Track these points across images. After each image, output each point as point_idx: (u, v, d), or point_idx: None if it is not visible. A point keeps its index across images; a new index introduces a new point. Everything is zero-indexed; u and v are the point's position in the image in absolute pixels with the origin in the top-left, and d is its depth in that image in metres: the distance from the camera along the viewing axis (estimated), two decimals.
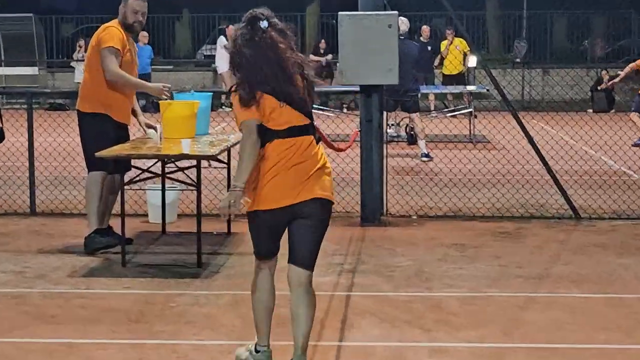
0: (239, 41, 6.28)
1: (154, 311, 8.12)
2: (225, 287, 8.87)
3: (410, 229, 11.59)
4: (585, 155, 17.09)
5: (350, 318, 7.92)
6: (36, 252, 10.23)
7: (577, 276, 9.25)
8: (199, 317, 7.97)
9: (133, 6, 9.99)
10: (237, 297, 8.48)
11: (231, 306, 8.25)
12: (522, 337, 7.44)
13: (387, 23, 11.55)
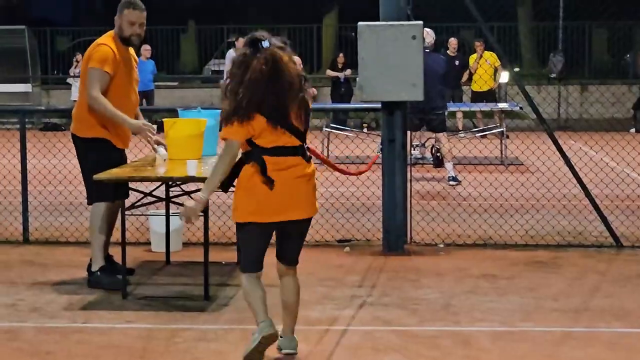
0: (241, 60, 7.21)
1: (158, 347, 8.11)
2: (234, 321, 8.83)
3: (436, 259, 11.59)
4: (628, 179, 17.03)
5: (373, 355, 7.91)
6: (30, 284, 10.21)
7: (618, 310, 9.20)
8: (206, 353, 7.96)
9: (129, 17, 9.88)
10: (248, 332, 8.43)
11: (241, 342, 8.18)
12: None
13: (411, 34, 11.54)
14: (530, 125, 23.44)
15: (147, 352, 8.00)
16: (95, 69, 9.66)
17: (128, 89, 10.01)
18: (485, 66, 26.73)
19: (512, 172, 18.29)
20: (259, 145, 7.15)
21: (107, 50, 9.73)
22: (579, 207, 13.23)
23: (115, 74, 9.77)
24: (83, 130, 10.02)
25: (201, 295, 9.58)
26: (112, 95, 9.79)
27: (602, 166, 17.48)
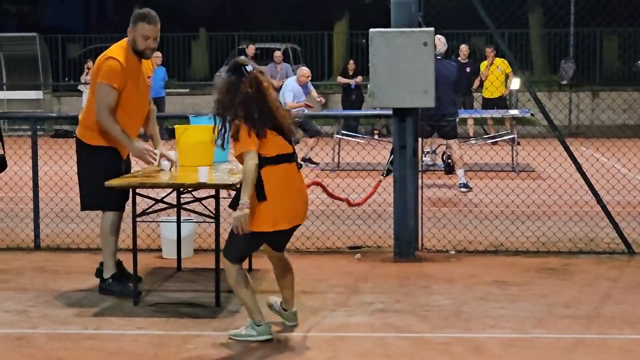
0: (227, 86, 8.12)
1: (169, 354, 8.12)
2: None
3: (447, 265, 11.57)
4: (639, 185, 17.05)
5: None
6: (41, 290, 10.22)
7: (631, 316, 9.18)
8: None
9: (143, 31, 9.72)
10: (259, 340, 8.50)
11: (253, 349, 8.24)
12: None
13: (422, 41, 11.54)
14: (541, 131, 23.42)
15: (158, 358, 8.02)
16: (103, 85, 9.58)
17: (136, 100, 9.89)
18: (496, 73, 26.73)
19: (523, 179, 18.30)
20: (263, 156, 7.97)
21: (115, 66, 9.60)
22: (590, 213, 13.22)
23: (123, 87, 9.66)
24: (90, 138, 9.98)
25: (212, 301, 9.56)
26: (120, 107, 9.76)
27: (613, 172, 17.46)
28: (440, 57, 16.54)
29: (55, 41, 37.53)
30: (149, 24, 9.75)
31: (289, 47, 37.08)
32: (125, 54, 9.75)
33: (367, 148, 19.75)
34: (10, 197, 14.71)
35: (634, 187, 15.79)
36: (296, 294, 8.98)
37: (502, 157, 21.16)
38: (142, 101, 10.12)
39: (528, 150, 19.60)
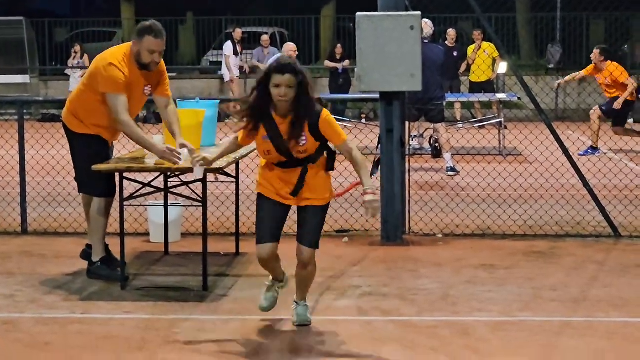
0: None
1: (157, 338, 8.10)
2: (233, 312, 8.86)
3: (435, 249, 11.60)
4: (626, 169, 17.07)
5: (372, 345, 7.91)
6: (28, 275, 10.21)
7: (617, 299, 9.22)
8: (205, 344, 7.96)
9: (150, 45, 9.60)
10: (247, 323, 8.51)
11: (240, 333, 8.25)
12: None
13: (409, 25, 11.55)
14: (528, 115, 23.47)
15: (146, 342, 7.99)
16: (111, 95, 9.47)
17: (131, 106, 9.73)
18: (483, 57, 26.77)
19: (510, 163, 18.29)
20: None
21: (118, 76, 9.48)
22: (577, 197, 13.24)
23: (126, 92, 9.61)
24: (76, 125, 9.98)
25: (200, 285, 9.58)
26: None
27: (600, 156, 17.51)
28: (427, 40, 16.55)
29: (42, 25, 37.46)
30: (156, 38, 9.66)
31: (277, 31, 37.10)
32: (128, 65, 9.63)
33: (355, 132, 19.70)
34: None
35: (620, 171, 15.81)
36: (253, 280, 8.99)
37: (489, 140, 21.23)
38: (136, 107, 10.15)
39: (515, 134, 19.58)
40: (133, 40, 9.80)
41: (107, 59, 9.66)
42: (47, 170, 13.84)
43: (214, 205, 12.09)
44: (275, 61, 7.45)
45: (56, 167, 13.65)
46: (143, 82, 9.84)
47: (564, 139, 12.72)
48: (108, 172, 9.63)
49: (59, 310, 8.95)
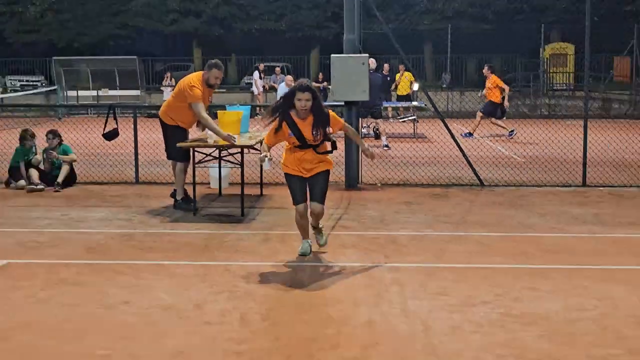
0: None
1: (214, 244, 8.18)
2: (259, 229, 8.87)
3: (376, 193, 11.56)
4: (487, 145, 17.09)
5: (339, 249, 7.97)
6: (139, 207, 10.23)
7: (483, 222, 9.29)
8: (242, 247, 8.02)
9: (215, 74, 9.74)
10: (267, 235, 8.55)
11: (263, 241, 8.29)
12: (447, 260, 7.52)
13: (361, 62, 11.55)
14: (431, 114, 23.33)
15: (207, 246, 8.06)
16: (196, 104, 9.54)
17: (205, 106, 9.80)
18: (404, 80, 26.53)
19: (420, 142, 18.26)
20: None
21: (198, 92, 9.55)
22: (459, 162, 13.17)
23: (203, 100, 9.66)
24: (168, 120, 10.00)
25: (239, 213, 9.60)
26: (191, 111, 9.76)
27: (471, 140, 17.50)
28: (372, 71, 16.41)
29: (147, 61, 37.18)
30: (219, 70, 9.80)
31: (284, 65, 36.90)
32: (202, 85, 9.67)
33: None
34: (121, 153, 14.64)
35: (483, 147, 15.81)
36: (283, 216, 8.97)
37: (407, 129, 21.19)
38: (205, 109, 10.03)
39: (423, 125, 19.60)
40: (205, 70, 9.88)
41: (190, 83, 9.71)
42: (150, 145, 13.80)
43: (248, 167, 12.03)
44: (298, 83, 7.23)
45: (155, 144, 13.61)
46: (208, 95, 9.88)
47: (452, 128, 12.73)
48: (186, 147, 9.71)
49: (158, 227, 9.01)
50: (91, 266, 7.28)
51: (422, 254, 7.77)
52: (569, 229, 8.85)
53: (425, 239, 8.44)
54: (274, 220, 9.36)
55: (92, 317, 5.87)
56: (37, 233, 8.64)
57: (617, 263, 7.39)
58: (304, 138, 7.19)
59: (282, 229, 8.82)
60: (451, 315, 5.89)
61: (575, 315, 5.89)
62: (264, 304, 6.21)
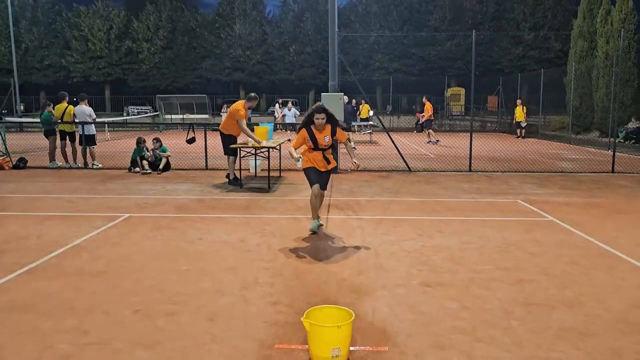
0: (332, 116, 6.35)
1: (252, 205, 8.05)
2: (278, 196, 8.75)
3: (348, 175, 11.43)
4: (414, 149, 17.06)
5: (325, 208, 7.84)
6: (207, 184, 10.06)
7: (410, 192, 9.18)
8: (268, 206, 7.91)
9: (252, 103, 9.59)
10: (283, 200, 8.44)
11: (281, 203, 8.20)
12: (389, 214, 7.42)
13: (339, 97, 11.40)
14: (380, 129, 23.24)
15: (248, 206, 7.92)
16: (241, 120, 9.39)
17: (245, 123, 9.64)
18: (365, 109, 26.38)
19: (375, 146, 18.16)
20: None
21: (242, 113, 9.39)
22: (397, 158, 13.11)
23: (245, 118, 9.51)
24: (224, 130, 9.81)
25: (267, 187, 9.48)
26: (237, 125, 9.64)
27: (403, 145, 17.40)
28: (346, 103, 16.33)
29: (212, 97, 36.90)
30: (255, 100, 9.69)
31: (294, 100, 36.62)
32: (244, 108, 9.51)
33: None
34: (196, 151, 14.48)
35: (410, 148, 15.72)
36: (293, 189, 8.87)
37: (366, 138, 21.04)
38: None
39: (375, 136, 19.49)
40: (247, 99, 9.71)
41: (237, 107, 9.58)
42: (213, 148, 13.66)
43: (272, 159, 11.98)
44: (315, 106, 6.24)
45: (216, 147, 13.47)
46: (246, 114, 9.71)
47: (394, 137, 12.63)
48: (235, 147, 9.52)
49: (219, 195, 8.86)
50: (179, 218, 7.22)
51: (375, 210, 7.71)
52: (461, 196, 8.82)
53: (376, 201, 8.37)
54: (288, 191, 9.28)
55: (179, 247, 5.83)
56: (147, 198, 8.57)
57: (489, 216, 7.38)
58: (317, 143, 6.33)
59: (292, 195, 8.75)
60: (392, 246, 5.87)
61: (464, 246, 5.89)
62: (281, 239, 6.17)
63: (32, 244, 5.95)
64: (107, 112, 40.61)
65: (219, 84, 47.66)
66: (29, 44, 40.17)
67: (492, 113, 32.84)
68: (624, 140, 19.76)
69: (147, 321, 3.98)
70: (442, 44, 38.01)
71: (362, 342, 3.66)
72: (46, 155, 13.55)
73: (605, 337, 3.75)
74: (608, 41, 21.51)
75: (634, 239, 6.20)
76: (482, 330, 3.83)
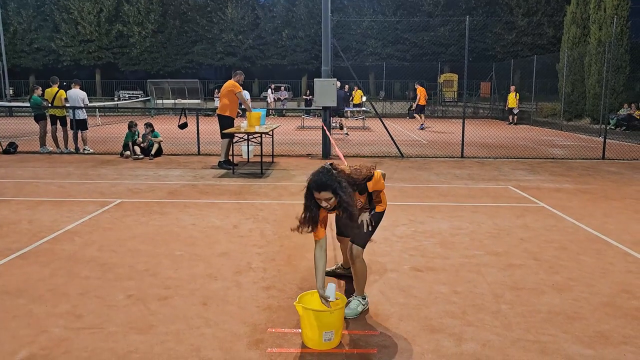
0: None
1: (245, 190, 8.05)
2: (271, 181, 8.74)
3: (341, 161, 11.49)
4: (406, 134, 17.06)
5: None
6: (200, 169, 10.04)
7: (402, 178, 9.21)
8: (261, 192, 7.91)
9: (240, 80, 9.71)
10: (276, 185, 8.43)
11: (274, 189, 8.19)
12: None
13: (332, 83, 11.37)
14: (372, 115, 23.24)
15: (240, 191, 7.91)
16: (240, 93, 9.51)
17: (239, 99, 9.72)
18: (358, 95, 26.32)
19: (367, 132, 18.16)
20: None
21: (239, 87, 9.52)
22: (390, 143, 13.17)
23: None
24: (222, 112, 9.81)
25: (259, 172, 9.47)
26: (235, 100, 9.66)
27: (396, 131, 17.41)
28: (339, 88, 16.29)
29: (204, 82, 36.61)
30: (242, 75, 9.83)
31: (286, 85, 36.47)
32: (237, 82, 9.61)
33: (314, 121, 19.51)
34: (188, 136, 14.42)
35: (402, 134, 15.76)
36: (286, 174, 8.89)
37: (359, 124, 21.00)
38: None
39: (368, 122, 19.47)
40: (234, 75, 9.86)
41: (233, 84, 9.74)
42: (206, 133, 13.61)
43: (265, 145, 11.97)
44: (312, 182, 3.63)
45: (210, 131, 13.45)
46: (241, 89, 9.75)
47: (387, 123, 12.64)
48: (230, 132, 9.43)
49: (211, 181, 8.84)
50: (171, 203, 7.22)
51: None
52: (453, 182, 8.85)
53: None
54: (280, 176, 9.28)
55: (172, 232, 5.84)
56: (139, 183, 8.55)
57: (480, 202, 7.42)
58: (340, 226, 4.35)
59: (285, 181, 8.75)
60: (384, 232, 5.90)
61: (455, 232, 5.93)
62: (274, 225, 6.18)
63: (24, 229, 5.93)
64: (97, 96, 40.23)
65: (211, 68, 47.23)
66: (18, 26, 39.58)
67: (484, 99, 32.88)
68: (615, 127, 19.88)
69: (141, 305, 4.00)
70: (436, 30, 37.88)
71: (354, 326, 3.70)
72: (37, 140, 13.45)
73: (593, 320, 3.82)
74: (601, 27, 21.53)
75: (623, 224, 6.27)
76: (472, 314, 3.89)
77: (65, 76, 35.97)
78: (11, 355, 3.30)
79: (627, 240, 5.64)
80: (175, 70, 42.21)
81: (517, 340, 3.53)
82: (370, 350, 3.37)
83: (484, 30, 37.84)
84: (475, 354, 3.34)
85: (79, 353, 3.33)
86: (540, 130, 20.14)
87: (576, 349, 3.42)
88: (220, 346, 3.42)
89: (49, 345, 3.43)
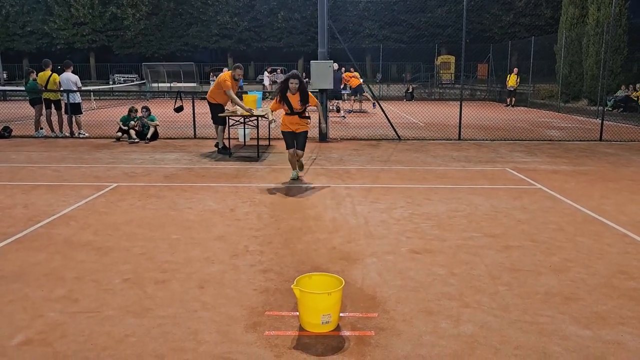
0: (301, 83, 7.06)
1: (241, 173, 8.03)
2: (267, 165, 8.73)
3: (337, 144, 11.41)
4: (403, 117, 17.00)
5: (315, 176, 7.86)
6: (195, 153, 10.00)
7: (399, 161, 9.19)
8: (257, 175, 7.88)
9: (238, 72, 9.47)
10: (272, 168, 8.43)
11: (270, 172, 8.19)
12: (379, 182, 7.42)
13: (329, 65, 11.29)
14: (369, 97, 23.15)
15: (237, 174, 7.91)
16: (229, 90, 9.27)
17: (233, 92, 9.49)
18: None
19: (364, 115, 18.10)
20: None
21: (228, 84, 9.27)
22: (387, 126, 13.14)
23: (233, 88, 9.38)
24: (212, 100, 9.68)
25: (256, 156, 9.45)
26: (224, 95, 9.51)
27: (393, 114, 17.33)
28: (336, 70, 16.19)
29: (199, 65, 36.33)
30: (240, 70, 9.52)
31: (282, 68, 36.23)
32: (231, 79, 9.40)
33: None
34: (184, 120, 14.35)
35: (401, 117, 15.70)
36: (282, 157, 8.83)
37: (358, 106, 20.94)
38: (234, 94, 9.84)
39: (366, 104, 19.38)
40: (233, 68, 9.56)
41: (224, 78, 9.44)
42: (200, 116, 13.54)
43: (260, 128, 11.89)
44: (291, 73, 7.07)
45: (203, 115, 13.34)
46: (234, 84, 9.57)
47: (384, 106, 12.56)
48: (223, 116, 9.40)
49: (208, 165, 8.82)
50: (167, 186, 7.19)
51: (364, 178, 7.70)
52: (450, 164, 8.85)
53: (366, 170, 8.36)
54: (276, 159, 9.26)
55: (168, 216, 5.81)
56: (135, 167, 8.50)
57: (478, 184, 7.42)
58: (292, 107, 7.05)
59: (281, 165, 8.73)
60: (381, 214, 5.89)
61: (452, 214, 5.93)
62: (270, 208, 6.16)
63: (19, 213, 5.90)
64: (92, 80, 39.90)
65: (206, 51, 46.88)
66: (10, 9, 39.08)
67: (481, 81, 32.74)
68: (612, 108, 19.84)
69: (137, 289, 3.99)
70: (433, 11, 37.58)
71: (352, 309, 3.70)
72: (31, 124, 13.34)
73: (590, 301, 3.82)
74: (599, 8, 21.35)
75: (620, 205, 6.27)
76: (470, 296, 3.88)
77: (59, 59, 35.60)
78: (7, 340, 3.29)
79: (624, 222, 5.64)
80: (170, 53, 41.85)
81: (515, 321, 3.53)
82: (368, 333, 3.36)
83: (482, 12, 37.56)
84: (473, 335, 3.34)
85: (76, 337, 3.32)
86: (538, 112, 20.09)
87: (573, 329, 3.42)
88: (217, 329, 3.41)
89: (45, 329, 3.41)
